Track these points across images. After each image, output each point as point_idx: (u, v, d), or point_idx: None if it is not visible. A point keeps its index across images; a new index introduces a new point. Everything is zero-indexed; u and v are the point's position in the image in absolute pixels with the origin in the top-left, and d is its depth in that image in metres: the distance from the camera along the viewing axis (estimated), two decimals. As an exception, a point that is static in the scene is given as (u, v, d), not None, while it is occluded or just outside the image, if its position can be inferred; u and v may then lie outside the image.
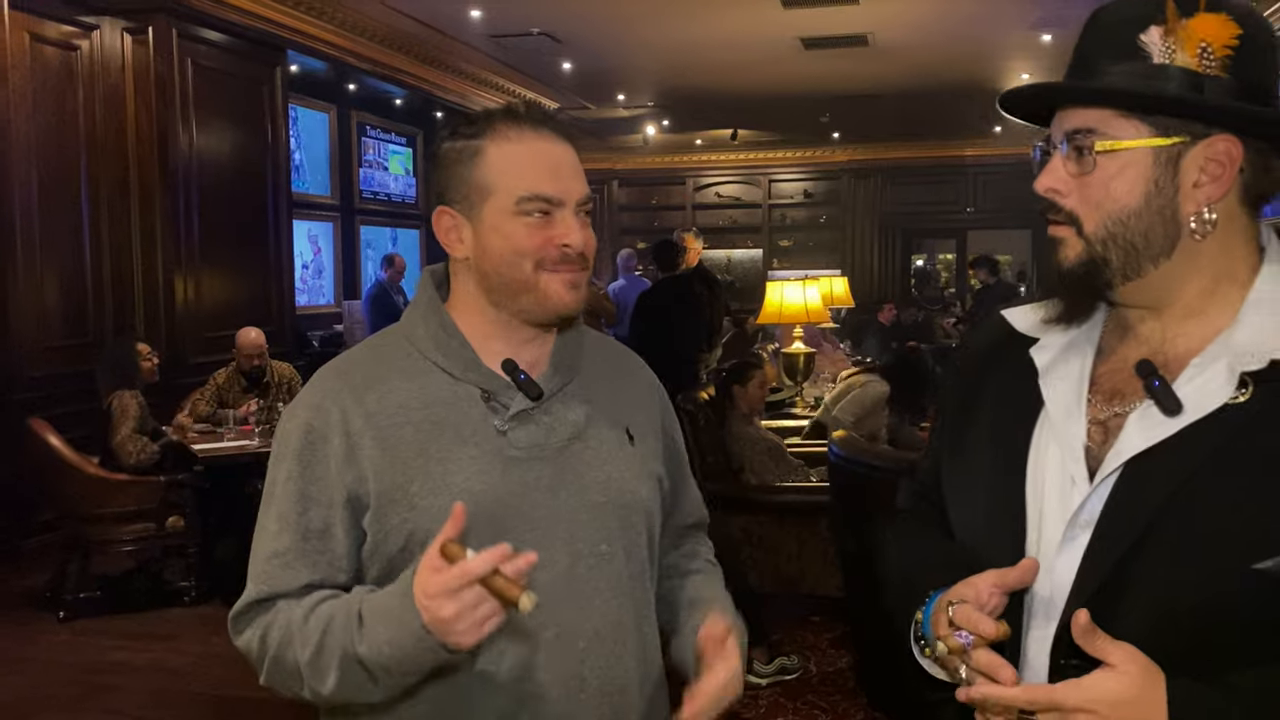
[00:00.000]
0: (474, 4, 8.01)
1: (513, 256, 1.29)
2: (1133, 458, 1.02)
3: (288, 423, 1.34)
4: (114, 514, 4.96)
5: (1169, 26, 1.02)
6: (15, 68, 5.78)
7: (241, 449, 5.16)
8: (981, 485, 1.15)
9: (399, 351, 1.35)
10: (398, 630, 1.14)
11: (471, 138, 1.31)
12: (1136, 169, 1.03)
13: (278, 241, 7.55)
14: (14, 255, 5.81)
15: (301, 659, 1.23)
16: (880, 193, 14.80)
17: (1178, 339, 1.07)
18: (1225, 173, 1.02)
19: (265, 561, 1.30)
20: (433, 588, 1.10)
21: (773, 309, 6.93)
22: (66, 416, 5.44)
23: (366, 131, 10.84)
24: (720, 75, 10.32)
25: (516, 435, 1.31)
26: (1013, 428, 1.14)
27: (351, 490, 1.28)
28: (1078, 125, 1.05)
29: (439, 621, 1.10)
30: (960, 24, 8.47)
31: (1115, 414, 1.07)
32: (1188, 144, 1.02)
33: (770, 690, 3.96)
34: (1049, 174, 1.07)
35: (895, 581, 1.24)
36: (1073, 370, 1.12)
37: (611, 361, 1.49)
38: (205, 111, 6.77)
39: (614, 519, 1.35)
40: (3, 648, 4.57)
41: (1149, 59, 1.02)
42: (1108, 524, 1.02)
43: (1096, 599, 0.99)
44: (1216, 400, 0.99)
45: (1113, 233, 1.04)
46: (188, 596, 5.07)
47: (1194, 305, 1.06)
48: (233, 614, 1.32)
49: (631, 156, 14.84)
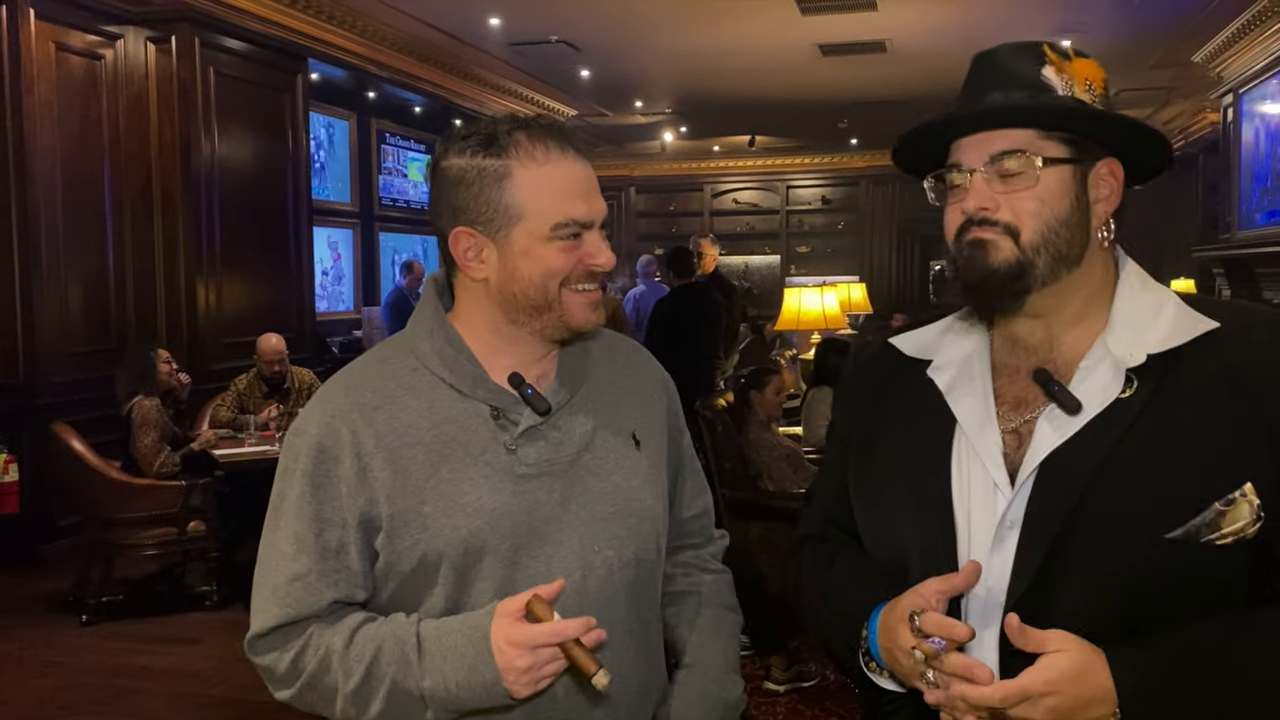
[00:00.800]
0: (493, 12, 8.05)
1: (543, 280, 1.29)
2: (1046, 458, 1.12)
3: (297, 439, 1.33)
4: (136, 518, 5.00)
5: (1059, 66, 1.17)
6: (41, 77, 5.85)
7: (262, 454, 5.19)
8: (905, 501, 1.21)
9: (405, 366, 1.34)
10: (469, 675, 1.20)
11: (496, 157, 1.28)
12: (1063, 184, 1.15)
13: (298, 248, 7.60)
14: (39, 261, 5.87)
15: (344, 687, 1.25)
16: (899, 199, 14.77)
17: (1063, 347, 1.19)
18: (1113, 191, 1.18)
19: (287, 584, 1.29)
20: (518, 638, 1.17)
21: (790, 315, 6.93)
22: (89, 422, 5.48)
23: (386, 139, 10.91)
24: (738, 82, 10.32)
25: (526, 452, 1.31)
26: (928, 445, 1.21)
27: (364, 513, 1.28)
28: (1007, 146, 1.15)
29: (510, 668, 1.17)
30: (978, 30, 8.44)
31: (1024, 420, 1.17)
32: (1089, 164, 1.17)
33: (788, 697, 3.96)
34: (976, 195, 1.16)
35: (824, 604, 1.29)
36: (976, 387, 1.21)
37: (619, 362, 1.48)
38: (227, 119, 6.83)
39: (622, 528, 1.36)
40: (26, 651, 4.61)
41: (1054, 91, 1.16)
42: (1032, 521, 1.12)
43: (1032, 592, 1.09)
44: (1109, 395, 1.12)
45: (1046, 239, 1.14)
46: (209, 601, 5.10)
47: (1079, 313, 1.19)
48: (252, 636, 1.32)
49: (649, 163, 14.88)
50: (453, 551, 1.27)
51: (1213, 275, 9.40)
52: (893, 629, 1.12)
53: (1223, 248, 9.06)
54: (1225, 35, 8.32)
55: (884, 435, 1.27)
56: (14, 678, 4.32)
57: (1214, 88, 9.28)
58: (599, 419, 1.38)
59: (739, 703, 1.45)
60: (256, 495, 5.68)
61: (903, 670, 1.12)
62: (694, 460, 1.58)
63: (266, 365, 5.78)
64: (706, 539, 1.59)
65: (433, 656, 1.21)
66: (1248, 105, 8.53)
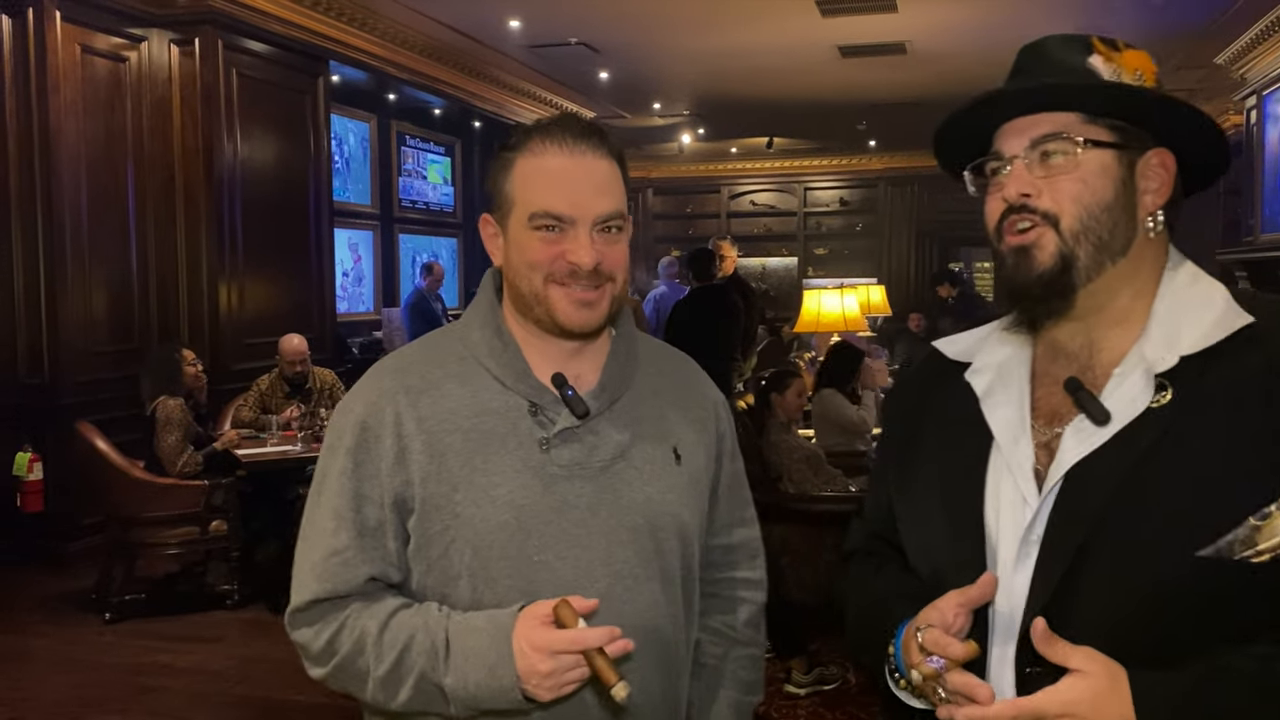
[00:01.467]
0: (513, 14, 8.06)
1: (525, 269, 1.31)
2: (1071, 469, 1.07)
3: (343, 417, 1.36)
4: (159, 518, 5.04)
5: (1107, 55, 1.13)
6: (67, 78, 5.90)
7: (284, 454, 5.22)
8: (941, 515, 1.18)
9: (453, 354, 1.37)
10: (488, 677, 1.20)
11: (510, 150, 1.34)
12: (1106, 169, 1.11)
13: (319, 249, 7.64)
14: (63, 262, 5.92)
15: (375, 672, 1.26)
16: (917, 201, 14.72)
17: (1102, 351, 1.13)
18: (1164, 183, 1.13)
19: (325, 560, 1.31)
20: (540, 642, 1.16)
21: (810, 317, 6.92)
22: (113, 421, 5.52)
23: (406, 141, 10.94)
24: (757, 83, 10.31)
25: (559, 452, 1.32)
26: (964, 456, 1.18)
27: (399, 493, 1.30)
28: (1049, 130, 1.12)
29: (532, 672, 1.17)
30: (999, 32, 8.41)
31: (1056, 434, 1.12)
32: (1138, 152, 1.12)
33: (809, 700, 3.95)
34: (1017, 181, 1.13)
35: (860, 620, 1.27)
36: (1012, 395, 1.18)
37: (668, 374, 1.48)
38: (249, 121, 6.87)
39: (651, 541, 1.35)
40: (49, 648, 4.65)
41: (1100, 77, 1.12)
42: (1053, 536, 1.07)
43: (1051, 608, 1.04)
44: (1140, 405, 1.06)
45: (1087, 225, 1.10)
46: (230, 600, 5.13)
47: (1123, 313, 1.13)
48: (290, 610, 1.34)
49: (667, 165, 14.88)
50: (479, 541, 1.28)
51: (1235, 279, 9.33)
52: (908, 644, 1.10)
53: (1246, 251, 8.99)
54: (1249, 37, 8.26)
55: (923, 447, 1.23)
56: (37, 675, 4.36)
57: (1237, 90, 9.22)
58: (639, 429, 1.38)
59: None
60: (278, 495, 5.72)
61: (920, 689, 1.10)
62: (741, 488, 1.55)
63: (288, 365, 5.81)
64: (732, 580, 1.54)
65: (455, 655, 1.22)
66: (1271, 107, 8.47)
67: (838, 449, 5.51)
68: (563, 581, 1.28)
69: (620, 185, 1.35)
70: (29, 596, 5.35)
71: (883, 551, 1.30)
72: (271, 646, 4.60)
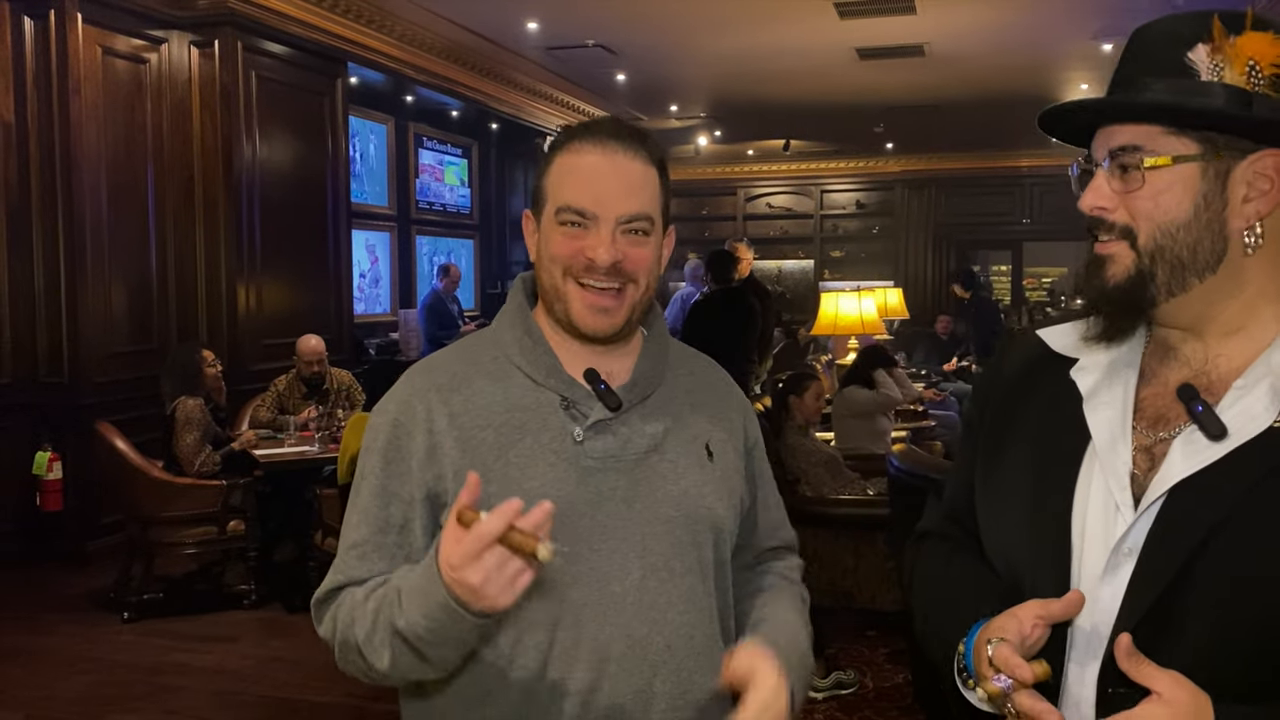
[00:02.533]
0: (531, 16, 8.08)
1: (548, 262, 1.34)
2: (1178, 484, 1.00)
3: (377, 418, 1.38)
4: (177, 517, 5.06)
5: (1216, 44, 1.02)
6: (88, 80, 5.94)
7: (301, 455, 5.23)
8: (1024, 512, 1.12)
9: (486, 354, 1.39)
10: (426, 602, 1.15)
11: (552, 149, 1.37)
12: (1184, 184, 1.03)
13: (337, 251, 7.66)
14: (84, 262, 5.95)
15: (359, 638, 1.25)
16: (934, 204, 14.68)
17: (1219, 359, 1.05)
18: (1273, 187, 1.02)
19: (345, 552, 1.34)
20: (456, 558, 1.10)
21: (827, 320, 6.90)
22: (131, 421, 5.55)
23: (423, 143, 10.97)
24: (773, 85, 10.29)
25: (593, 445, 1.32)
26: (1058, 455, 1.12)
27: (431, 488, 1.31)
28: (1124, 142, 1.05)
29: (469, 589, 1.10)
30: (1018, 34, 8.37)
31: (1160, 439, 1.05)
32: (1235, 159, 1.02)
33: (826, 705, 3.93)
34: (1094, 192, 1.08)
35: (931, 608, 1.23)
36: (1116, 396, 1.10)
37: (697, 375, 1.49)
38: (268, 123, 6.90)
39: (686, 534, 1.35)
40: (68, 647, 4.67)
41: (1196, 76, 1.03)
42: (1152, 552, 1.00)
43: (1142, 628, 0.98)
44: (1261, 424, 0.98)
45: (1161, 245, 1.04)
46: (248, 600, 5.14)
47: (1234, 323, 1.05)
48: (313, 602, 1.37)
49: (683, 167, 14.87)
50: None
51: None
52: (979, 651, 1.05)
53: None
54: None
55: (1014, 438, 1.17)
56: (56, 673, 4.38)
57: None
58: (672, 424, 1.39)
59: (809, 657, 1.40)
60: (295, 495, 5.74)
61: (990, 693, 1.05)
62: (774, 492, 1.55)
63: (306, 365, 5.82)
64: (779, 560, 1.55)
65: (404, 595, 1.19)
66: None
67: (856, 451, 5.51)
68: (597, 572, 1.28)
69: (654, 189, 1.35)
70: (48, 595, 5.38)
71: (957, 536, 1.26)
72: (288, 646, 4.61)
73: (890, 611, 4.54)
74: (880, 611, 4.62)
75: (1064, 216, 13.95)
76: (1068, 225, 14.10)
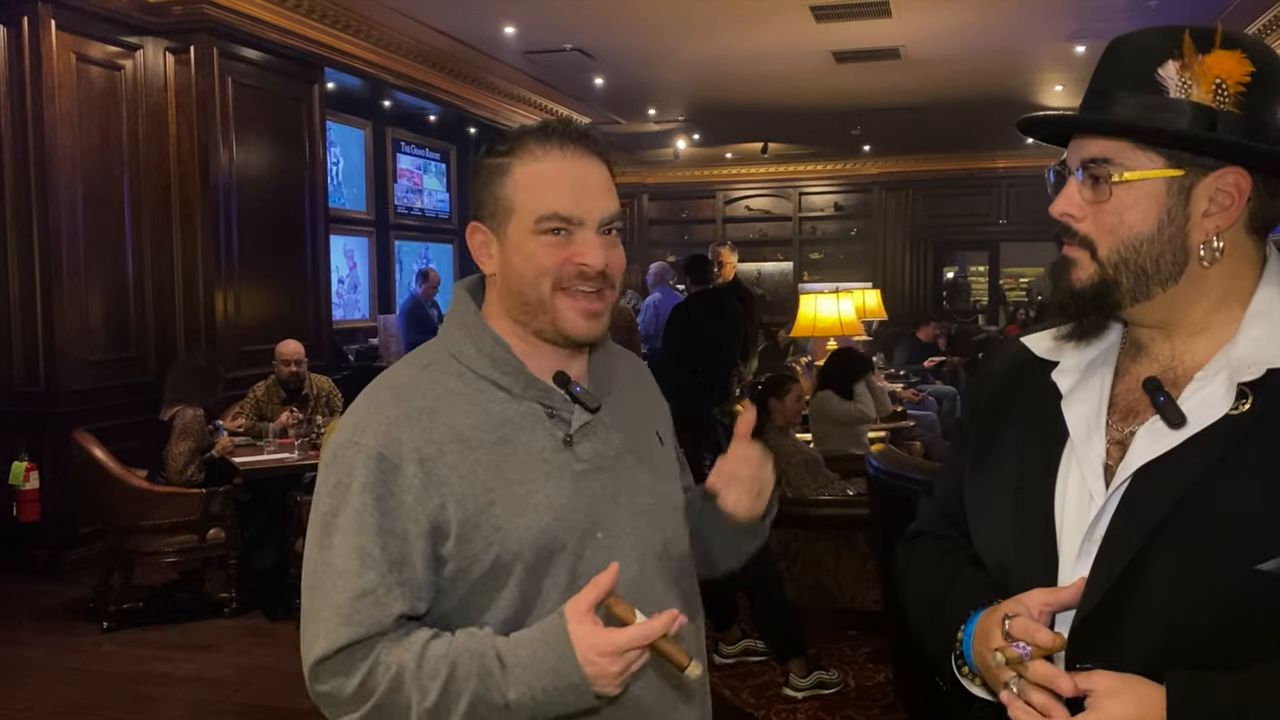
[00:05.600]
0: (508, 21, 8.07)
1: (533, 276, 1.30)
2: (1140, 470, 1.06)
3: (351, 452, 1.28)
4: (156, 525, 5.02)
5: (1186, 61, 1.06)
6: (62, 87, 5.90)
7: (281, 462, 5.21)
8: (1009, 509, 1.17)
9: (450, 371, 1.34)
10: (553, 680, 1.18)
11: (502, 155, 1.33)
12: (1150, 199, 1.07)
13: (315, 256, 7.62)
14: (59, 270, 5.91)
15: (419, 705, 1.21)
16: (911, 205, 14.76)
17: (1185, 355, 1.11)
18: (1234, 203, 1.07)
19: (353, 602, 1.24)
20: (607, 646, 1.16)
21: (806, 322, 6.93)
22: (109, 429, 5.51)
23: (401, 147, 10.95)
24: (751, 89, 10.33)
25: (581, 449, 1.34)
26: (1040, 452, 1.16)
27: (433, 519, 1.26)
28: (1094, 154, 1.09)
29: (602, 675, 1.17)
30: (993, 37, 8.44)
31: (1130, 431, 1.11)
32: (1199, 175, 1.06)
33: (808, 704, 3.95)
34: (1064, 199, 1.12)
35: (927, 601, 1.27)
36: (1092, 393, 1.16)
37: (629, 369, 1.53)
38: (245, 129, 6.87)
39: (663, 519, 1.42)
40: (47, 658, 4.64)
41: (1165, 93, 1.06)
42: (1115, 533, 1.06)
43: (1104, 607, 1.04)
44: (1218, 411, 1.04)
45: (1125, 258, 1.08)
46: (228, 608, 5.12)
47: (1200, 324, 1.10)
48: (315, 661, 1.25)
49: (662, 170, 14.90)
50: (528, 551, 1.28)
51: None
52: (987, 632, 1.09)
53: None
54: (1242, 40, 8.28)
55: (1000, 441, 1.22)
56: (35, 684, 4.35)
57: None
58: (629, 418, 1.43)
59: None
60: (275, 502, 5.71)
61: (991, 676, 1.09)
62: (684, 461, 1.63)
63: (284, 366, 5.79)
64: None
65: (513, 668, 1.20)
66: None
67: (836, 452, 5.53)
68: (601, 570, 1.27)
69: (614, 189, 1.37)
70: (26, 606, 5.34)
71: (950, 535, 1.30)
72: (270, 654, 4.59)
73: (871, 611, 4.57)
74: (861, 611, 4.65)
75: (1040, 217, 13.92)
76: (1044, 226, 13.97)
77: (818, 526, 4.69)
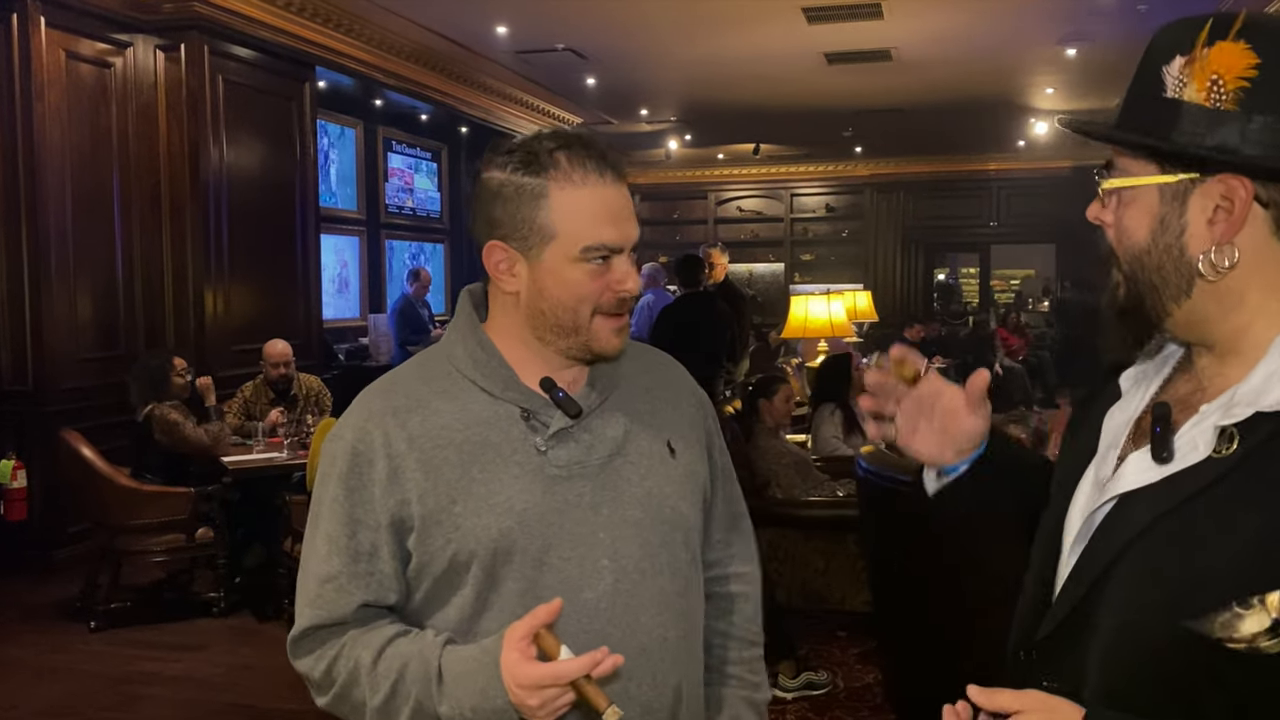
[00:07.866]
0: (500, 20, 8.08)
1: (573, 302, 1.31)
2: (1121, 499, 1.01)
3: (334, 444, 1.36)
4: (144, 525, 5.01)
5: (1192, 56, 0.97)
6: (52, 84, 5.87)
7: (270, 461, 5.20)
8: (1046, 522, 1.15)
9: (440, 371, 1.37)
10: (481, 700, 1.20)
11: (534, 175, 1.29)
12: (1143, 205, 1.00)
13: (305, 256, 7.61)
14: (48, 268, 5.88)
15: (371, 702, 1.28)
16: (903, 207, 14.80)
17: (1216, 379, 1.02)
18: (1235, 210, 0.96)
19: (318, 586, 1.32)
20: (524, 679, 1.16)
21: (797, 323, 6.94)
22: (98, 428, 5.49)
23: (392, 146, 10.93)
24: (743, 90, 10.35)
25: (556, 453, 1.33)
26: (1075, 460, 1.13)
27: (395, 513, 1.30)
28: (1106, 159, 1.04)
29: (522, 706, 1.18)
30: (984, 39, 8.47)
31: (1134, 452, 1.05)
32: (1195, 181, 0.98)
33: (797, 705, 3.95)
34: (1095, 204, 1.07)
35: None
36: (1131, 404, 1.10)
37: (652, 371, 1.49)
38: (235, 127, 6.84)
39: (655, 535, 1.36)
40: (35, 657, 4.62)
41: (1162, 92, 0.99)
42: (1088, 552, 1.03)
43: (1069, 619, 1.02)
44: (1201, 453, 0.96)
45: (1133, 270, 1.02)
46: (216, 608, 5.10)
47: (1228, 345, 1.01)
48: (292, 638, 1.35)
49: (654, 171, 14.90)
50: (483, 551, 1.28)
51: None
52: None
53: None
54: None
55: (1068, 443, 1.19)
56: (22, 683, 4.33)
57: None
58: (632, 424, 1.39)
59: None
60: (264, 502, 5.69)
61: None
62: (731, 483, 1.56)
63: (272, 368, 5.79)
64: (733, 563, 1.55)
65: (449, 682, 1.23)
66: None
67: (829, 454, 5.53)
68: (569, 580, 1.29)
69: None
70: (13, 605, 5.31)
71: None
72: (258, 654, 4.58)
73: (860, 612, 4.58)
74: (851, 612, 4.65)
75: (1031, 219, 14.18)
76: (1035, 228, 14.32)
77: (807, 527, 4.69)
